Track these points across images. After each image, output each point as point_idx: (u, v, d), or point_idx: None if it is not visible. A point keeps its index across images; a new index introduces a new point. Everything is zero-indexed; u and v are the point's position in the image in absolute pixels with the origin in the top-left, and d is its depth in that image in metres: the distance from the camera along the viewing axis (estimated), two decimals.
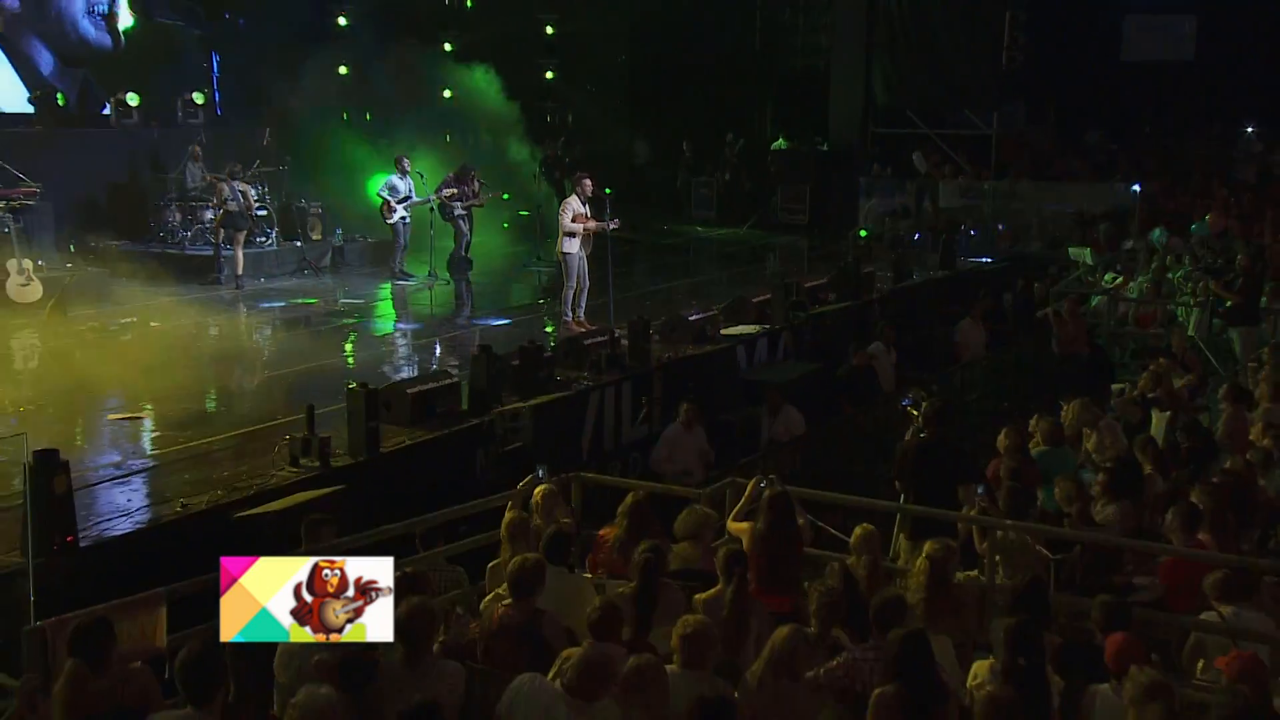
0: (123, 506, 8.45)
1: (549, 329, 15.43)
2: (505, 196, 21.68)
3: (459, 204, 19.46)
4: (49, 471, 7.46)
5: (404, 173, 19.05)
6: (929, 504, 8.31)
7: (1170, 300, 17.28)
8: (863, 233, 22.72)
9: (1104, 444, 9.64)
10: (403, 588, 5.98)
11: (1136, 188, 23.74)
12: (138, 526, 8.01)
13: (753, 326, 15.14)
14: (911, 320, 17.27)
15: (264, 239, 19.59)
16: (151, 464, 9.51)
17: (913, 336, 16.85)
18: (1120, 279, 18.22)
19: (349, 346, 14.58)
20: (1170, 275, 18.21)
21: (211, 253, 18.53)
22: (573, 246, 15.10)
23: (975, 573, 7.64)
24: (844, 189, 26.61)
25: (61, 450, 7.63)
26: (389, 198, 18.87)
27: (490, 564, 7.46)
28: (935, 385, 11.06)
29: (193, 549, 8.03)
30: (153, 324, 15.39)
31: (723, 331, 14.85)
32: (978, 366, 14.91)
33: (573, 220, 15.01)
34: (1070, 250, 19.97)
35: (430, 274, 19.18)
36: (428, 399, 10.73)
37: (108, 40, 21.62)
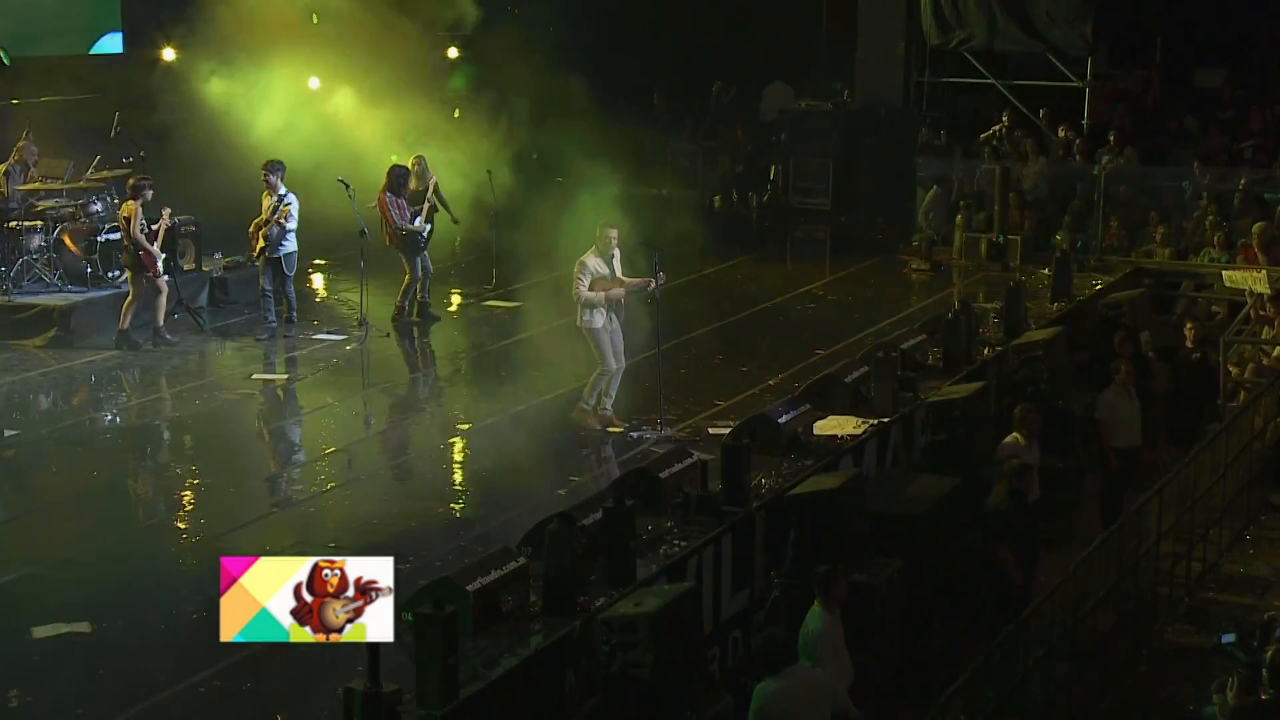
0: None
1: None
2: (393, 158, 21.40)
3: (416, 220, 19.14)
4: None
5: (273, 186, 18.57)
6: None
7: None
8: (932, 235, 22.93)
9: None
10: None
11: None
12: None
13: (853, 420, 15.07)
14: (1033, 388, 17.29)
15: (116, 273, 19.10)
16: None
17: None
18: None
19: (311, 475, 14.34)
20: None
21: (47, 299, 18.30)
22: (598, 319, 15.04)
23: None
24: (879, 163, 26.58)
25: None
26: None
27: None
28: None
29: None
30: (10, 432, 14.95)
31: (815, 430, 14.79)
32: (1171, 480, 14.90)
33: (591, 288, 14.96)
34: (1227, 277, 20.07)
35: (363, 324, 18.84)
36: (493, 595, 10.51)
37: None
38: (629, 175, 26.63)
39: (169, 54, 24.13)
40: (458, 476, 14.45)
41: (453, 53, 27.91)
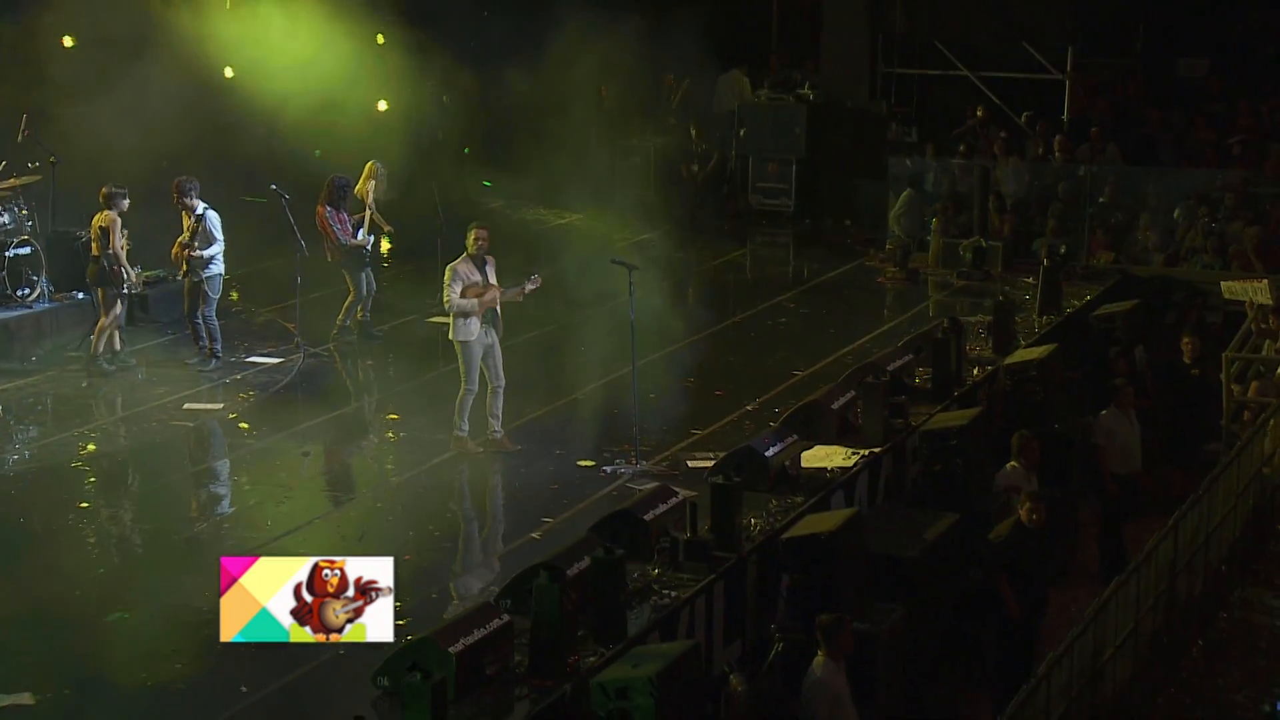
0: None
1: None
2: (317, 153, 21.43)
3: (359, 233, 19.04)
4: None
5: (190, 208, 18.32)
6: None
7: None
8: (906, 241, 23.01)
9: None
10: None
11: None
12: None
13: (842, 451, 15.06)
14: (1029, 411, 17.29)
15: (26, 290, 18.82)
16: None
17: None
18: None
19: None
20: None
21: None
22: (469, 331, 15.05)
23: None
24: (845, 162, 26.59)
25: None
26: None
27: None
28: None
29: None
30: None
31: (803, 464, 14.75)
32: (1187, 514, 14.88)
33: (463, 294, 14.97)
34: (1225, 288, 20.07)
35: (300, 345, 18.64)
36: (477, 656, 10.42)
37: None
38: (571, 178, 26.73)
39: (68, 41, 23.77)
40: (418, 519, 14.06)
41: (380, 39, 27.64)
